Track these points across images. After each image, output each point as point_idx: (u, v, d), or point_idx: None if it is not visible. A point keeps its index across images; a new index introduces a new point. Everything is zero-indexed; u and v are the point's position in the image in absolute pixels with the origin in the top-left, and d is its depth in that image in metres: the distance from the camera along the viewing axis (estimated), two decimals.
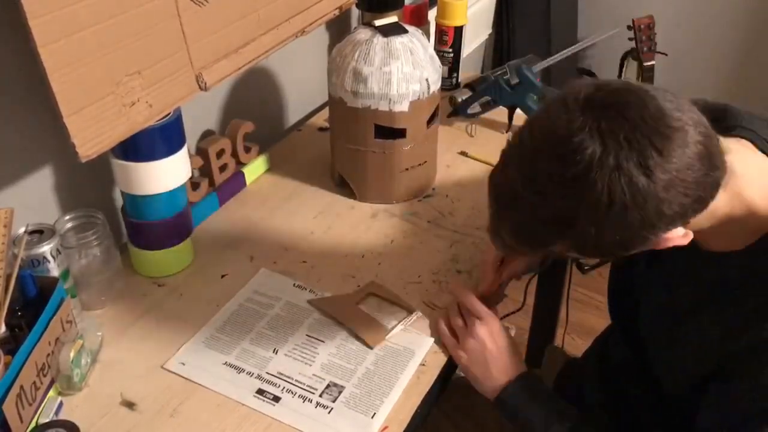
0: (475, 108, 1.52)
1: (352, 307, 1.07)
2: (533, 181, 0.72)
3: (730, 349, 0.81)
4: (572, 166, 0.69)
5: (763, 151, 0.81)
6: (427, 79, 1.20)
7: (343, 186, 1.33)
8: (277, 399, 0.93)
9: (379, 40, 1.18)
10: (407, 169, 1.27)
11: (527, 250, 0.82)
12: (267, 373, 0.97)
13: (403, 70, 1.17)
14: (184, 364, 0.98)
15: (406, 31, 1.20)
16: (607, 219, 0.69)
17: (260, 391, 0.94)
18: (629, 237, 0.72)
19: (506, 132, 1.51)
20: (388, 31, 1.20)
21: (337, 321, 1.05)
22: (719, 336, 0.83)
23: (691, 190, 0.70)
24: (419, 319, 1.06)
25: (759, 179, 0.79)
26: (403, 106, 1.19)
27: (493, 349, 0.99)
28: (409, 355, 0.99)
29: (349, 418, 0.91)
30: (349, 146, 1.26)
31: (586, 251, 0.77)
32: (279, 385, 0.95)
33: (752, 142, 0.82)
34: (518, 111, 1.47)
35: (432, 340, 1.02)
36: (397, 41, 1.18)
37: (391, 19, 1.24)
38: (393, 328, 1.03)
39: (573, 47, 1.56)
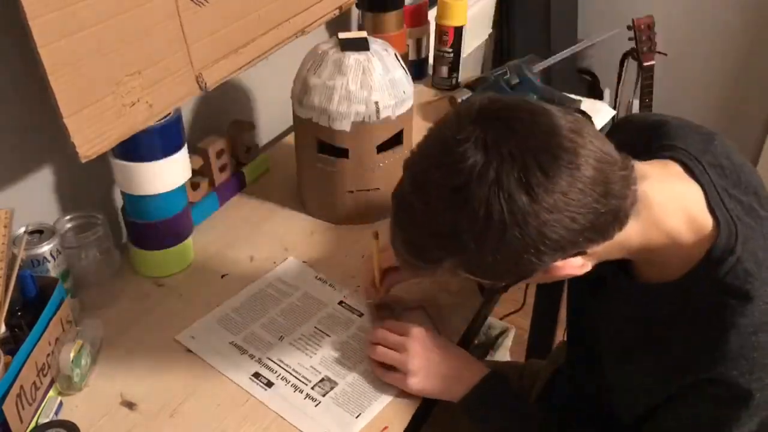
0: None
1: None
2: (422, 190, 0.71)
3: (667, 391, 0.80)
4: (455, 176, 0.67)
5: (692, 172, 0.79)
6: (376, 103, 1.11)
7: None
8: (270, 384, 0.95)
9: (334, 54, 1.13)
10: (352, 192, 1.20)
11: (421, 266, 0.76)
12: (268, 358, 0.99)
13: (347, 87, 1.10)
14: (193, 337, 1.02)
15: (366, 49, 1.13)
16: (487, 236, 0.67)
17: (256, 374, 0.96)
18: (512, 258, 0.69)
19: None
20: (348, 45, 1.13)
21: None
22: (659, 378, 0.81)
23: (580, 216, 0.67)
24: None
25: (679, 208, 0.77)
26: (344, 125, 1.13)
27: (436, 357, 0.94)
28: None
29: (334, 415, 0.91)
30: (299, 156, 1.25)
31: (475, 272, 0.74)
32: (276, 372, 0.97)
33: (682, 162, 0.80)
34: None
35: None
36: (352, 57, 1.11)
37: (362, 33, 1.18)
38: None
39: (573, 48, 1.56)
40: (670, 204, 0.77)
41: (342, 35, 1.15)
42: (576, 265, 0.74)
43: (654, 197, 0.75)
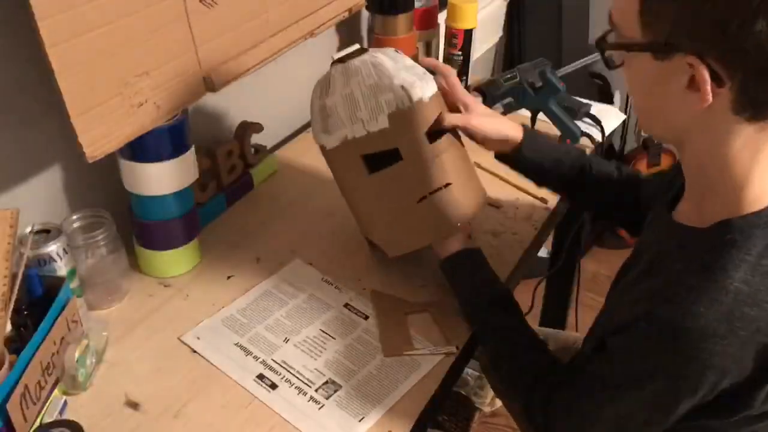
0: (497, 109, 1.44)
1: (398, 312, 1.07)
2: None
3: (627, 313, 0.78)
4: None
5: None
6: (402, 86, 0.99)
7: (374, 246, 1.14)
8: (274, 386, 0.95)
9: (336, 69, 1.03)
10: (425, 198, 1.03)
11: None
12: (272, 360, 0.99)
13: (366, 83, 1.00)
14: (199, 338, 1.02)
15: (366, 51, 1.05)
16: None
17: (261, 376, 0.96)
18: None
19: None
20: (346, 57, 1.04)
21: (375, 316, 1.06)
22: (628, 301, 0.79)
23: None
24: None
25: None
26: (381, 123, 1.00)
27: None
28: (414, 367, 0.99)
29: (337, 418, 0.91)
30: (348, 194, 1.10)
31: None
32: (280, 374, 0.97)
33: None
34: (541, 114, 1.44)
35: (440, 357, 1.00)
36: (356, 61, 1.02)
37: (353, 46, 1.08)
38: (419, 351, 1.01)
39: (592, 56, 1.56)
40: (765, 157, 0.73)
41: (336, 55, 1.06)
42: (704, 93, 0.68)
43: None
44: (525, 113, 1.46)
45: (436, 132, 1.03)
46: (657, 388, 0.75)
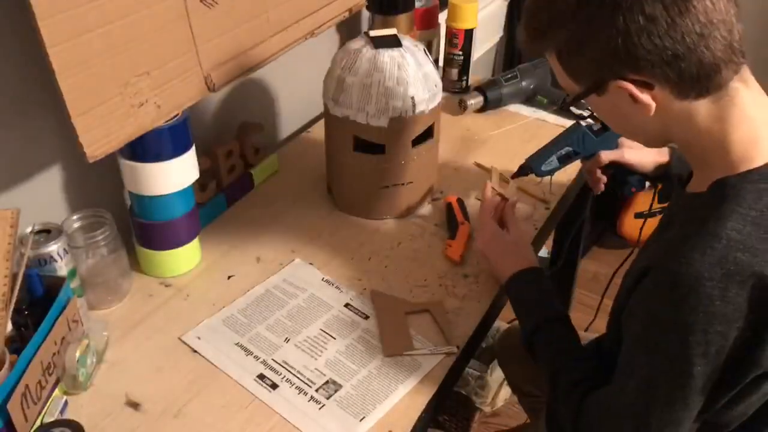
0: (551, 163, 1.21)
1: (398, 312, 1.07)
2: None
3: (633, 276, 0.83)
4: None
5: None
6: (412, 98, 1.14)
7: (331, 193, 1.32)
8: (274, 386, 0.95)
9: (367, 51, 1.15)
10: (387, 187, 1.22)
11: (531, 44, 0.84)
12: (273, 360, 0.99)
13: (385, 84, 1.13)
14: (199, 338, 1.02)
15: (399, 45, 1.16)
16: (601, 11, 0.73)
17: (261, 376, 0.97)
18: (608, 45, 0.74)
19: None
20: (381, 43, 1.16)
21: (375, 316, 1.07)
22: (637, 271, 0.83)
23: (671, 41, 0.72)
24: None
25: (754, 127, 0.78)
26: (381, 122, 1.15)
27: (509, 240, 1.08)
28: (415, 367, 0.99)
29: (338, 418, 0.91)
30: (332, 154, 1.26)
31: (571, 52, 0.79)
32: (280, 374, 0.97)
33: None
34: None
35: (441, 357, 1.00)
36: (386, 54, 1.14)
37: (391, 30, 1.20)
38: (419, 351, 1.01)
39: None
40: (752, 115, 0.78)
41: (372, 33, 1.18)
42: (642, 101, 0.77)
43: (742, 99, 0.77)
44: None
45: (420, 137, 1.20)
46: (668, 343, 0.76)
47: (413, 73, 1.15)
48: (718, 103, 0.77)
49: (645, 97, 0.77)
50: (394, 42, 1.16)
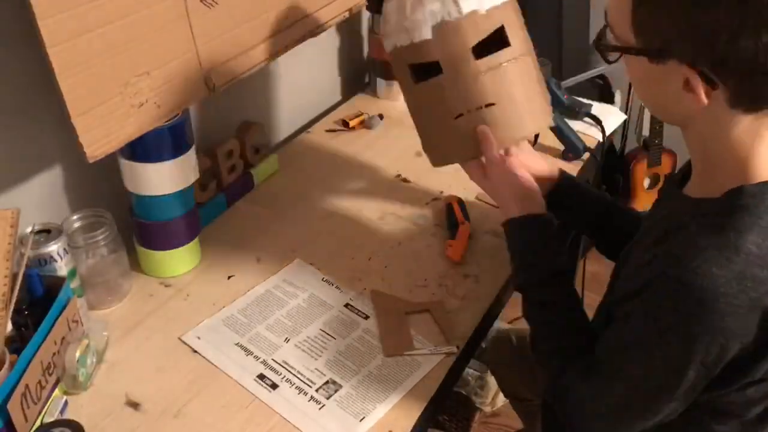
0: None
1: (398, 312, 1.07)
2: None
3: (639, 278, 0.79)
4: None
5: None
6: None
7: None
8: (274, 386, 0.95)
9: None
10: (462, 115, 0.98)
11: None
12: (273, 359, 0.99)
13: None
14: (199, 338, 1.02)
15: None
16: None
17: (261, 376, 0.96)
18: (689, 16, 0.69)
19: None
20: None
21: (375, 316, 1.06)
22: (641, 268, 0.80)
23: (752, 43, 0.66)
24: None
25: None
26: (425, 34, 0.96)
27: (513, 180, 0.98)
28: (414, 366, 0.99)
29: (338, 418, 0.91)
30: (408, 102, 1.07)
31: (661, 6, 0.72)
32: (280, 373, 0.97)
33: None
34: None
35: (441, 357, 1.00)
36: None
37: None
38: (419, 351, 1.01)
39: (597, 70, 1.57)
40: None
41: None
42: (698, 94, 0.72)
43: None
44: None
45: (492, 44, 0.98)
46: (669, 348, 0.75)
47: None
48: (760, 120, 0.74)
49: (702, 91, 0.72)
50: None
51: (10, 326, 0.85)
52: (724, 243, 0.71)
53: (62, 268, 0.96)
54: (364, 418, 0.91)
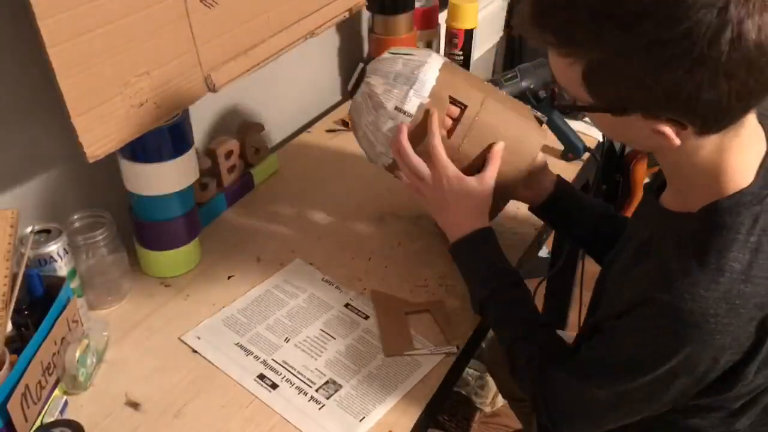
0: None
1: (398, 312, 1.07)
2: None
3: (620, 303, 0.80)
4: None
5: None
6: (396, 106, 1.01)
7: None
8: (274, 386, 0.95)
9: (354, 101, 1.08)
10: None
11: (550, 40, 0.71)
12: (272, 360, 0.99)
13: (368, 120, 1.04)
14: (199, 338, 1.02)
15: (364, 72, 1.07)
16: (661, 35, 0.63)
17: (261, 376, 0.97)
18: (646, 75, 0.66)
19: None
20: (355, 86, 1.09)
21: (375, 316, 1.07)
22: (625, 287, 0.81)
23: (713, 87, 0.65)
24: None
25: (744, 150, 0.76)
26: (410, 106, 1.01)
27: (450, 198, 1.01)
28: (414, 366, 0.99)
29: (338, 418, 0.91)
30: None
31: (595, 74, 0.70)
32: (280, 373, 0.97)
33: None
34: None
35: (441, 357, 1.00)
36: (358, 95, 1.06)
37: (358, 68, 1.14)
38: (419, 351, 1.01)
39: None
40: (747, 142, 0.76)
41: (349, 85, 1.14)
42: (670, 137, 0.71)
43: (745, 129, 0.74)
44: None
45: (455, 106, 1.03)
46: (657, 369, 0.76)
47: (383, 87, 1.02)
48: (726, 135, 0.73)
49: (672, 134, 0.72)
50: (361, 74, 1.08)
51: (10, 326, 0.85)
52: (707, 265, 0.72)
53: (62, 268, 0.96)
54: (364, 418, 0.91)
